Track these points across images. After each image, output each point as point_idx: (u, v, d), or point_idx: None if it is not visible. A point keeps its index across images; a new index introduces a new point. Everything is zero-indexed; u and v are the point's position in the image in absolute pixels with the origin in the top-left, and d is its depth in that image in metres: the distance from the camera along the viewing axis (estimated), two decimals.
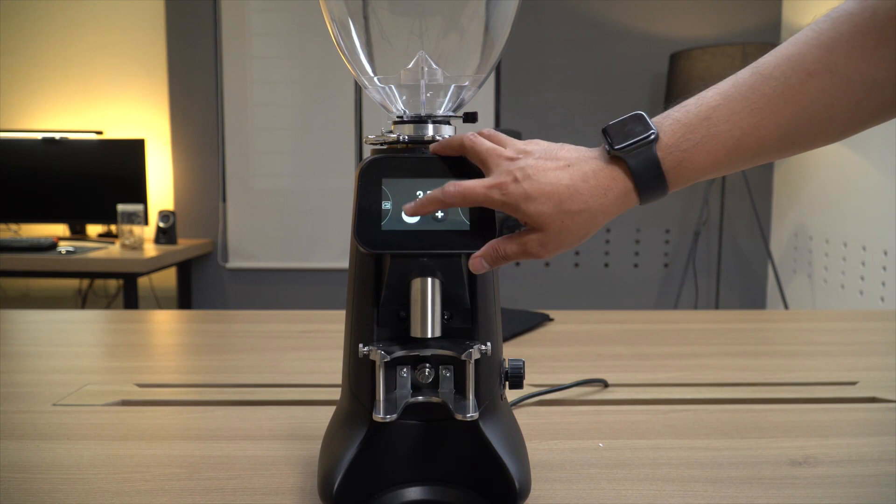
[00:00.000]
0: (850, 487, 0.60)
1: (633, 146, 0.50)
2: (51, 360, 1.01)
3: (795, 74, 0.48)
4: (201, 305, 3.19)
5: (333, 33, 0.57)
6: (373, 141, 0.55)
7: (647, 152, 0.50)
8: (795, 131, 0.49)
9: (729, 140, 0.49)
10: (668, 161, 0.50)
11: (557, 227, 0.50)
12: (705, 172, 0.51)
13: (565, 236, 0.51)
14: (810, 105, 0.48)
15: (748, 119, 0.49)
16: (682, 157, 0.50)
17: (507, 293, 3.06)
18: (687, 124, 0.50)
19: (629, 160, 0.50)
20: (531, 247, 0.51)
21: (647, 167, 0.50)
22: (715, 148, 0.50)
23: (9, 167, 3.04)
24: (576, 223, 0.50)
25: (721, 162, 0.50)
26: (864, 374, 0.94)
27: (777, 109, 0.49)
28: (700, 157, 0.50)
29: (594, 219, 0.51)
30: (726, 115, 0.50)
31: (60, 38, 3.13)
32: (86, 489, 0.60)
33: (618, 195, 0.51)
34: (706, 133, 0.50)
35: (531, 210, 0.50)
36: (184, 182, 3.16)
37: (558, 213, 0.50)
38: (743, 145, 0.50)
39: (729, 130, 0.49)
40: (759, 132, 0.49)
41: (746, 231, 3.13)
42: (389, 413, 0.50)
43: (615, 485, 0.61)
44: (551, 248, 0.52)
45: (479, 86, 0.58)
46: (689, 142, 0.50)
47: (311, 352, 1.06)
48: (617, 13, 3.04)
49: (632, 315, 1.34)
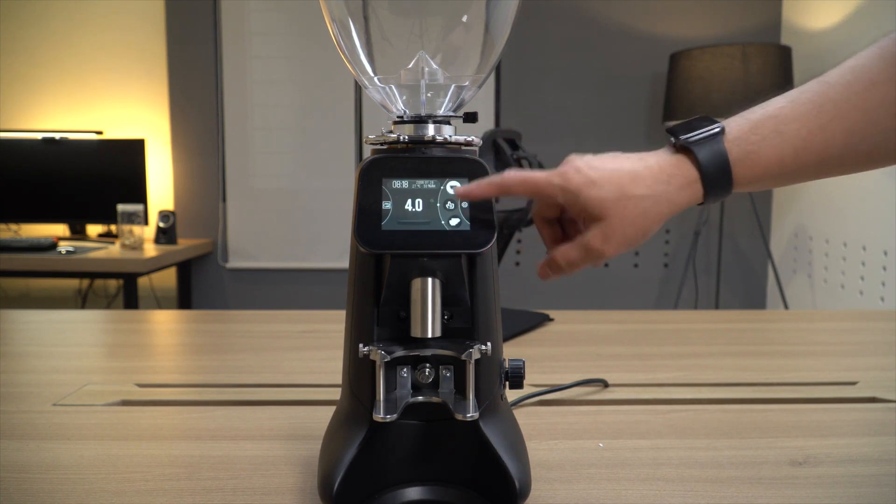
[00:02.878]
0: (850, 487, 0.60)
1: (700, 135, 0.50)
2: (51, 360, 1.01)
3: (859, 82, 0.49)
4: (201, 305, 3.19)
5: (333, 33, 0.57)
6: (373, 141, 0.55)
7: (714, 142, 0.50)
8: (861, 137, 0.50)
9: (796, 139, 0.49)
10: (735, 152, 0.50)
11: (619, 214, 0.49)
12: (771, 172, 0.50)
13: (628, 226, 0.49)
14: (874, 112, 0.49)
15: (815, 120, 0.49)
16: (750, 149, 0.50)
17: (507, 293, 3.05)
18: (754, 121, 0.50)
19: (695, 149, 0.50)
20: (594, 243, 0.50)
21: (714, 156, 0.49)
22: (782, 145, 0.50)
23: (9, 167, 3.04)
24: (639, 210, 0.49)
25: (787, 162, 0.50)
26: (864, 374, 0.94)
27: (843, 113, 0.49)
28: (767, 152, 0.50)
29: (657, 206, 0.49)
30: (793, 116, 0.50)
31: (60, 38, 3.13)
32: (86, 489, 0.60)
33: (681, 183, 0.50)
34: (773, 129, 0.50)
35: (593, 195, 0.49)
36: (184, 182, 3.16)
37: (621, 197, 0.49)
38: (810, 146, 0.50)
39: (797, 130, 0.50)
40: (825, 134, 0.49)
41: (746, 231, 3.13)
42: (389, 413, 0.50)
43: (615, 485, 0.61)
44: (615, 240, 0.49)
45: (480, 86, 0.58)
46: (757, 136, 0.50)
47: (311, 352, 1.06)
48: (617, 13, 3.04)
49: (632, 315, 1.34)
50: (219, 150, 3.11)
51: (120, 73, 3.13)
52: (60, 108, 3.16)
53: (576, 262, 0.51)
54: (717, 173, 0.49)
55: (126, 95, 3.14)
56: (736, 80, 2.44)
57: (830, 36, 2.63)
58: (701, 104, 2.52)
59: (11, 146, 3.05)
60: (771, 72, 2.45)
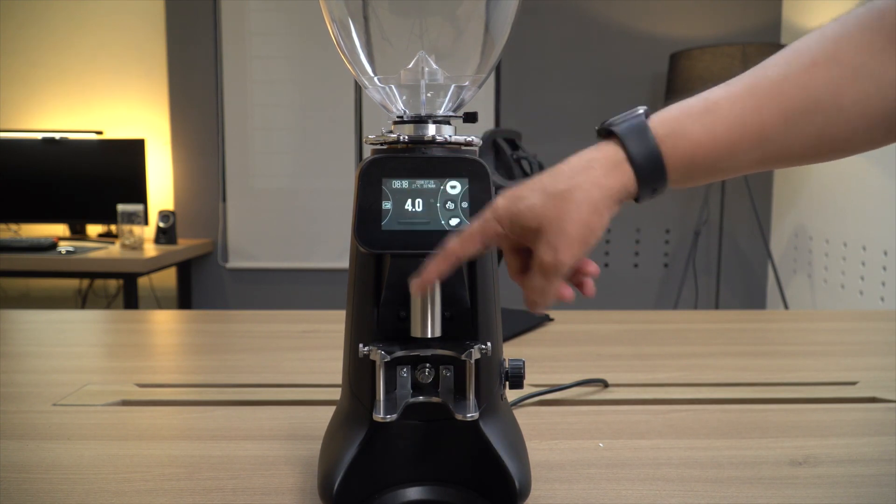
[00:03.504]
0: (850, 487, 0.60)
1: (621, 118, 0.48)
2: (51, 360, 1.01)
3: (798, 61, 0.47)
4: (201, 305, 3.19)
5: (333, 33, 0.57)
6: (373, 141, 0.55)
7: (635, 119, 0.47)
8: (800, 118, 0.46)
9: (729, 116, 0.46)
10: (660, 130, 0.47)
11: (552, 216, 0.46)
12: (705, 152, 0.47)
13: (567, 225, 0.46)
14: (815, 91, 0.46)
15: (749, 99, 0.47)
16: (676, 127, 0.47)
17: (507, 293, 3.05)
18: (682, 104, 0.48)
19: (617, 129, 0.47)
20: (545, 258, 0.46)
21: (637, 133, 0.47)
22: (713, 122, 0.46)
23: (9, 167, 3.04)
24: (570, 205, 0.46)
25: (721, 141, 0.47)
26: (864, 374, 0.94)
27: (780, 92, 0.46)
28: (697, 129, 0.47)
29: (588, 195, 0.46)
30: (725, 95, 0.47)
31: (60, 38, 3.13)
32: (86, 489, 0.60)
33: (606, 165, 0.47)
34: (703, 109, 0.47)
35: (521, 207, 0.46)
36: (184, 182, 3.16)
37: (546, 199, 0.46)
38: (746, 126, 0.46)
39: (729, 108, 0.47)
40: (761, 113, 0.46)
41: (746, 231, 3.13)
42: (389, 413, 0.50)
43: (615, 485, 0.61)
44: (562, 245, 0.46)
45: (480, 86, 0.58)
46: (684, 114, 0.47)
47: (311, 352, 1.06)
48: (617, 13, 3.04)
49: (632, 315, 1.34)
50: (219, 150, 3.11)
51: (120, 73, 3.13)
52: (60, 108, 3.16)
53: (542, 287, 0.48)
54: (643, 151, 0.46)
55: (126, 95, 3.14)
56: None
57: None
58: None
59: (11, 146, 3.05)
60: None
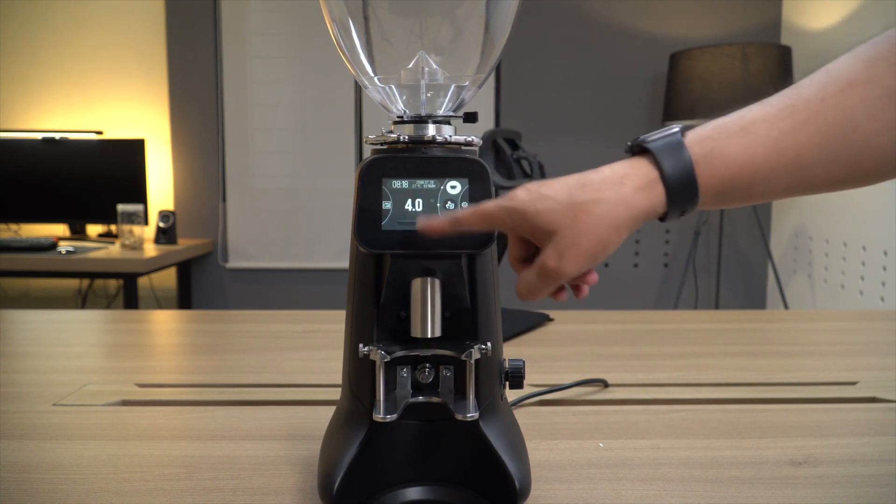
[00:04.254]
0: (850, 487, 0.60)
1: (657, 136, 0.46)
2: (51, 360, 1.01)
3: (835, 83, 0.46)
4: (201, 305, 3.19)
5: (333, 33, 0.57)
6: (373, 141, 0.55)
7: (672, 138, 0.46)
8: (837, 140, 0.45)
9: (767, 138, 0.45)
10: (696, 150, 0.45)
11: (570, 226, 0.44)
12: (742, 174, 0.45)
13: (583, 238, 0.44)
14: (852, 113, 0.45)
15: (787, 120, 0.45)
16: (713, 146, 0.45)
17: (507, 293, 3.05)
18: (717, 123, 0.47)
19: (652, 146, 0.46)
20: (549, 262, 0.45)
21: (672, 152, 0.45)
22: (750, 143, 0.45)
23: (9, 167, 3.04)
24: (592, 218, 0.44)
25: (758, 162, 0.45)
26: (864, 374, 0.94)
27: (817, 113, 0.45)
28: (734, 151, 0.45)
29: (613, 211, 0.44)
30: (762, 116, 0.46)
31: (60, 38, 3.13)
32: (86, 489, 0.60)
33: (638, 184, 0.45)
34: (740, 129, 0.46)
35: (540, 208, 0.45)
36: (184, 182, 3.16)
37: (569, 206, 0.44)
38: (782, 148, 0.45)
39: (766, 129, 0.45)
40: (799, 135, 0.45)
41: (746, 231, 3.13)
42: (389, 413, 0.50)
43: (615, 485, 0.61)
44: (571, 255, 0.44)
45: (480, 86, 0.58)
46: (721, 134, 0.46)
47: (311, 352, 1.06)
48: (617, 13, 3.04)
49: (632, 315, 1.34)
50: (219, 150, 3.11)
51: (120, 73, 3.13)
52: (60, 108, 3.16)
53: (536, 286, 0.47)
54: (678, 172, 0.45)
55: (126, 95, 3.14)
56: (736, 80, 2.44)
57: (830, 36, 2.63)
58: (701, 104, 2.51)
59: (11, 146, 3.05)
60: (771, 72, 2.45)
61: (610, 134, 3.08)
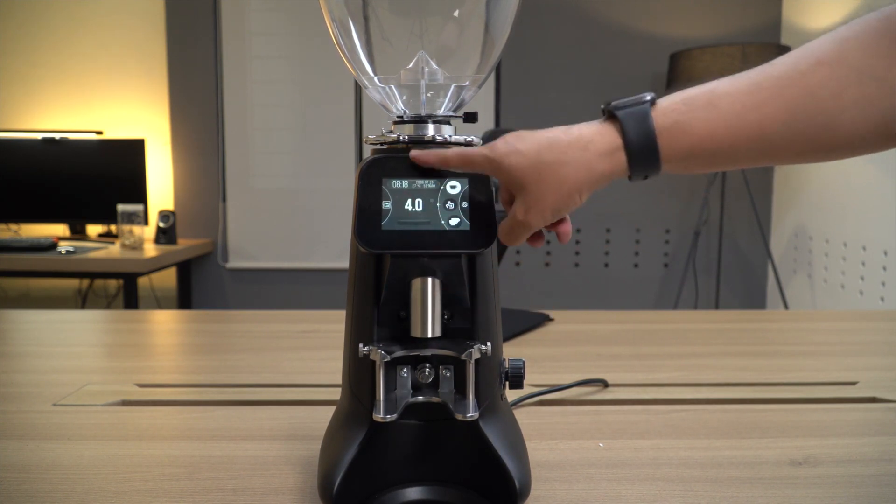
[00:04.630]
0: (850, 487, 0.60)
1: (627, 102, 0.50)
2: (51, 360, 1.01)
3: (805, 61, 0.48)
4: (201, 305, 3.19)
5: (333, 33, 0.57)
6: (373, 141, 0.55)
7: (640, 109, 0.49)
8: (801, 118, 0.47)
9: (730, 114, 0.48)
10: (661, 121, 0.49)
11: (536, 181, 0.49)
12: (702, 146, 0.48)
13: (547, 194, 0.49)
14: (818, 90, 0.47)
15: (752, 96, 0.48)
16: (678, 119, 0.48)
17: (507, 293, 3.06)
18: (688, 94, 0.50)
19: (620, 115, 0.49)
20: (518, 214, 0.51)
21: (638, 123, 0.49)
22: (714, 118, 0.48)
23: (9, 167, 3.04)
24: (556, 178, 0.49)
25: (720, 137, 0.48)
26: (864, 374, 0.94)
27: (782, 90, 0.47)
28: (697, 125, 0.48)
29: (576, 173, 0.49)
30: (729, 91, 0.49)
31: (60, 38, 3.13)
32: (86, 489, 0.60)
33: (602, 150, 0.49)
34: (706, 102, 0.48)
35: (513, 162, 0.49)
36: (184, 182, 3.16)
37: (535, 164, 0.49)
38: (745, 122, 0.48)
39: (731, 104, 0.48)
40: (762, 110, 0.48)
41: (746, 231, 3.13)
42: (389, 413, 0.50)
43: (615, 485, 0.61)
44: (536, 209, 0.50)
45: (480, 86, 0.58)
46: (687, 107, 0.49)
47: (311, 352, 1.06)
48: (617, 13, 3.04)
49: (632, 315, 1.34)
50: (219, 150, 3.11)
51: (120, 73, 3.13)
52: (60, 108, 3.16)
53: (511, 232, 0.52)
54: (641, 141, 0.48)
55: (126, 95, 3.15)
56: None
57: None
58: None
59: (11, 146, 3.05)
60: None
61: None
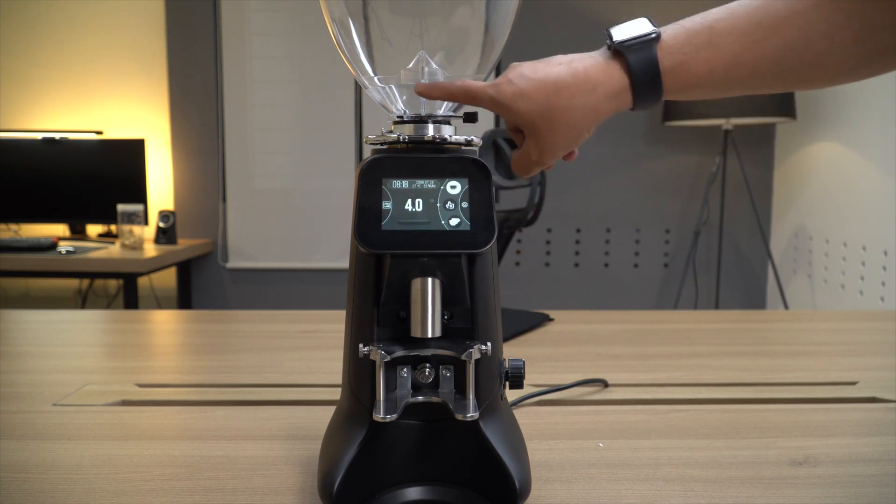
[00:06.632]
0: (851, 487, 0.60)
1: (634, 41, 0.51)
2: (51, 360, 1.01)
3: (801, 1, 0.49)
4: (201, 305, 3.19)
5: (333, 33, 0.57)
6: (373, 141, 0.55)
7: (647, 49, 0.51)
8: (793, 56, 0.50)
9: (728, 52, 0.50)
10: (666, 61, 0.51)
11: (546, 126, 0.51)
12: (699, 82, 0.51)
13: (557, 136, 0.51)
14: (811, 32, 0.49)
15: (750, 35, 0.50)
16: (682, 59, 0.50)
17: (507, 293, 3.06)
18: (690, 30, 0.51)
19: (628, 55, 0.51)
20: (532, 154, 0.53)
21: (646, 65, 0.50)
22: (714, 57, 0.50)
23: (9, 167, 3.04)
24: (564, 121, 0.51)
25: (717, 74, 0.51)
26: (864, 374, 0.94)
27: (779, 30, 0.49)
28: (699, 64, 0.50)
29: (584, 117, 0.51)
30: (729, 28, 0.50)
31: (60, 38, 3.13)
32: (86, 489, 0.60)
33: (608, 92, 0.51)
34: (707, 40, 0.50)
35: (522, 108, 0.51)
36: (184, 182, 3.16)
37: (545, 110, 0.50)
38: (742, 60, 0.50)
39: (730, 43, 0.50)
40: (759, 49, 0.50)
41: (746, 231, 3.13)
42: (389, 413, 0.50)
43: (615, 485, 0.61)
44: (548, 150, 0.52)
45: None
46: (691, 46, 0.50)
47: (311, 352, 1.06)
48: (617, 13, 3.04)
49: (632, 315, 1.34)
50: (219, 150, 3.11)
51: (120, 73, 3.13)
52: (60, 108, 3.16)
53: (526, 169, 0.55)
54: (647, 82, 0.51)
55: (126, 95, 3.15)
56: None
57: None
58: (700, 104, 2.51)
59: (11, 146, 3.05)
60: None
61: (609, 134, 3.08)
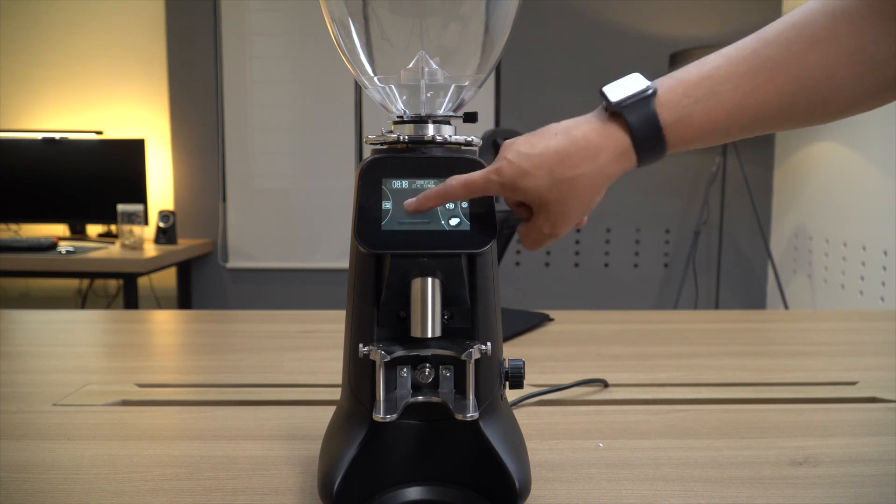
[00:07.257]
0: (851, 487, 0.60)
1: (631, 99, 0.49)
2: (51, 360, 1.01)
3: (799, 41, 0.48)
4: (201, 305, 3.19)
5: (333, 33, 0.57)
6: (373, 141, 0.55)
7: (645, 107, 0.49)
8: (796, 98, 0.49)
9: (730, 101, 0.49)
10: (666, 116, 0.49)
11: (556, 200, 0.50)
12: (703, 134, 0.50)
13: (569, 207, 0.50)
14: (812, 73, 0.48)
15: (750, 81, 0.48)
16: (682, 112, 0.49)
17: (507, 293, 3.06)
18: (687, 82, 0.50)
19: (627, 115, 0.49)
20: (545, 229, 0.52)
21: (645, 122, 0.49)
22: (715, 107, 0.49)
23: (9, 167, 3.04)
24: (574, 191, 0.50)
25: (720, 124, 0.49)
26: (864, 374, 0.94)
27: (779, 74, 0.48)
28: (700, 115, 0.49)
29: (592, 183, 0.50)
30: (728, 76, 0.49)
31: (60, 38, 3.13)
32: (86, 489, 0.60)
33: (612, 155, 0.50)
34: (707, 91, 0.49)
35: (529, 185, 0.50)
36: (184, 182, 3.16)
37: (553, 183, 0.49)
38: (743, 108, 0.49)
39: (730, 91, 0.49)
40: (759, 95, 0.48)
41: (746, 231, 3.13)
42: (389, 413, 0.50)
43: (615, 485, 0.61)
44: (561, 222, 0.51)
45: (480, 86, 0.58)
46: (689, 98, 0.49)
47: (311, 352, 1.06)
48: (616, 13, 3.04)
49: (632, 315, 1.34)
50: (219, 150, 3.11)
51: (120, 73, 3.13)
52: (60, 108, 3.16)
53: (538, 243, 0.54)
54: (649, 140, 0.49)
55: (126, 95, 3.15)
56: None
57: None
58: None
59: (11, 146, 3.05)
60: None
61: None
